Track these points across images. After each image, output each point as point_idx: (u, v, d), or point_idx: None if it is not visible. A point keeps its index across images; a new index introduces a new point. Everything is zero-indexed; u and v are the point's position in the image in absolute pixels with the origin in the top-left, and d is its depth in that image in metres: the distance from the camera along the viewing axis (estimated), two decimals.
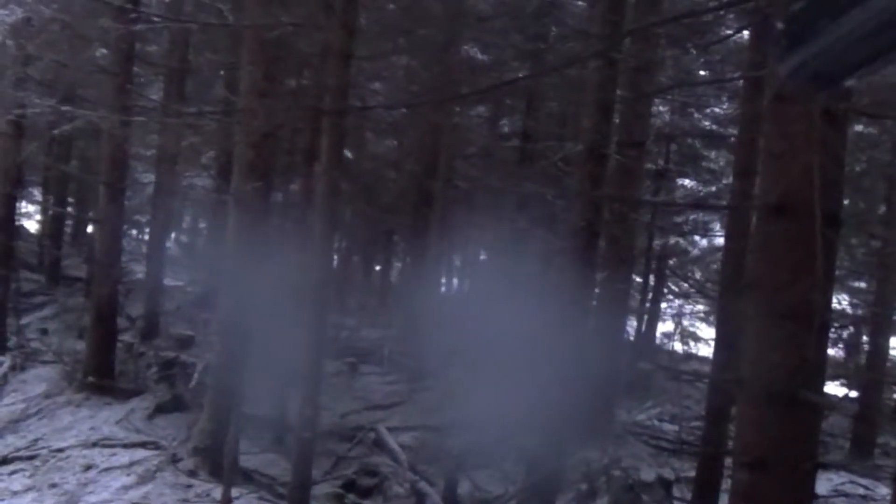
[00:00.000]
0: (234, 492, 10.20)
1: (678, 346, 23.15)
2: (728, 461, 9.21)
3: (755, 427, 6.14)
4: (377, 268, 29.83)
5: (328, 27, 10.49)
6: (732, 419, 8.66)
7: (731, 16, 14.17)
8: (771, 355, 6.01)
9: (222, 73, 19.58)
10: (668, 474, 12.25)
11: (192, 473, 11.25)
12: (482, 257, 27.17)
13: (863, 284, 19.39)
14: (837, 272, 19.42)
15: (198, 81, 20.82)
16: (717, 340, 11.48)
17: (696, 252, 22.87)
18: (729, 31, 13.18)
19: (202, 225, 34.48)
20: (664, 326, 24.15)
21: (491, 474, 12.72)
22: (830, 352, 19.28)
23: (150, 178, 21.81)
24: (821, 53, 1.44)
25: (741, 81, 12.72)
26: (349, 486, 11.88)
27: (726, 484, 9.43)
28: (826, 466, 12.26)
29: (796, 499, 6.13)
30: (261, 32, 11.20)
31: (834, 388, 18.22)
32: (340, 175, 10.88)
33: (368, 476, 12.20)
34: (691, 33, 14.47)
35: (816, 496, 7.15)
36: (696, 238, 22.25)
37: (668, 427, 16.15)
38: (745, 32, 12.92)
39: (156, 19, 15.03)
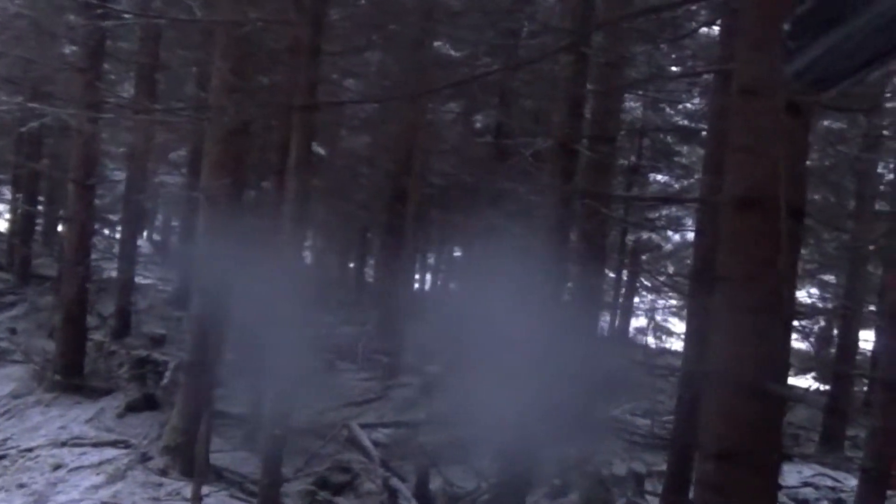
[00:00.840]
0: (205, 490, 10.14)
1: (651, 341, 23.28)
2: None
3: (723, 419, 6.16)
4: (351, 265, 29.78)
5: (298, 23, 10.44)
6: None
7: (704, 12, 14.22)
8: (740, 348, 6.03)
9: (194, 69, 19.46)
10: (640, 468, 12.31)
11: (162, 472, 11.19)
12: (456, 254, 27.22)
13: (832, 278, 19.58)
14: (809, 266, 19.64)
15: (170, 78, 20.67)
16: (688, 334, 11.52)
17: (668, 247, 23.02)
18: (697, 25, 13.19)
19: (175, 223, 34.26)
20: (637, 321, 24.31)
21: (464, 470, 12.72)
22: (802, 345, 19.49)
23: (121, 175, 21.61)
24: (826, 55, 1.44)
25: (712, 76, 12.75)
26: (321, 483, 11.83)
27: None
28: (791, 458, 12.38)
29: (762, 489, 6.16)
30: (230, 28, 11.13)
31: (806, 381, 18.40)
32: (310, 171, 10.84)
33: (341, 473, 12.15)
34: (662, 28, 14.50)
35: (781, 487, 7.20)
36: (669, 233, 22.39)
37: (640, 421, 16.21)
38: (716, 28, 12.99)
39: (125, 15, 14.89)
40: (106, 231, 28.26)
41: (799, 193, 6.40)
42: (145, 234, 32.54)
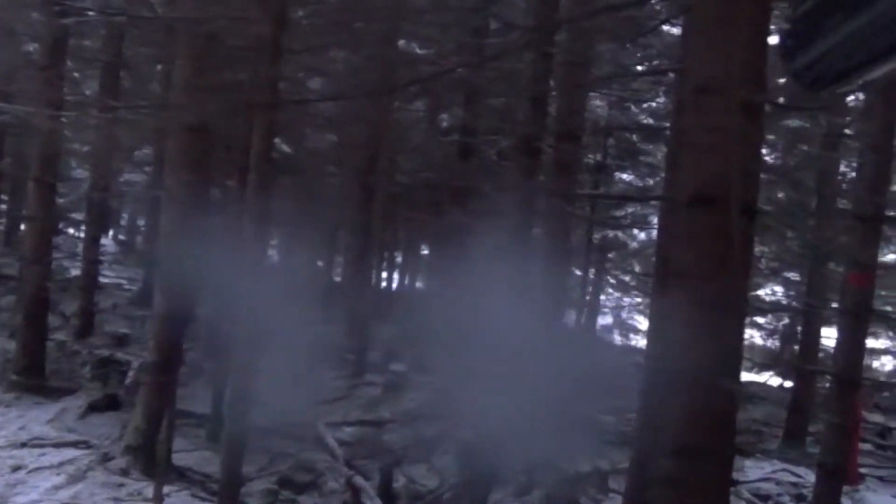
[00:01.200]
0: (167, 489, 10.07)
1: (617, 338, 23.40)
2: None
3: (679, 415, 6.21)
4: (320, 263, 29.67)
5: (260, 20, 10.38)
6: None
7: (668, 10, 14.25)
8: (697, 345, 6.06)
9: (158, 67, 19.30)
10: (605, 465, 12.36)
11: (124, 472, 11.08)
12: (424, 252, 27.21)
13: (797, 276, 19.75)
14: (773, 263, 19.82)
15: (137, 77, 20.50)
16: (651, 331, 11.58)
17: (634, 245, 23.14)
18: (657, 23, 13.23)
19: (141, 222, 33.99)
20: (604, 319, 24.43)
21: (429, 468, 12.74)
22: (764, 342, 19.64)
23: (85, 174, 21.44)
24: (827, 53, 1.44)
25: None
26: (285, 482, 11.79)
27: None
28: (752, 454, 12.49)
29: (719, 484, 6.23)
30: (192, 26, 11.05)
31: (764, 378, 18.56)
32: (272, 169, 10.80)
33: (305, 472, 12.12)
34: (626, 26, 14.54)
35: (735, 482, 7.29)
36: (635, 231, 22.50)
37: (607, 418, 16.25)
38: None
39: (88, 13, 14.72)
40: (71, 230, 28.02)
41: (752, 191, 6.46)
42: (111, 233, 32.26)
